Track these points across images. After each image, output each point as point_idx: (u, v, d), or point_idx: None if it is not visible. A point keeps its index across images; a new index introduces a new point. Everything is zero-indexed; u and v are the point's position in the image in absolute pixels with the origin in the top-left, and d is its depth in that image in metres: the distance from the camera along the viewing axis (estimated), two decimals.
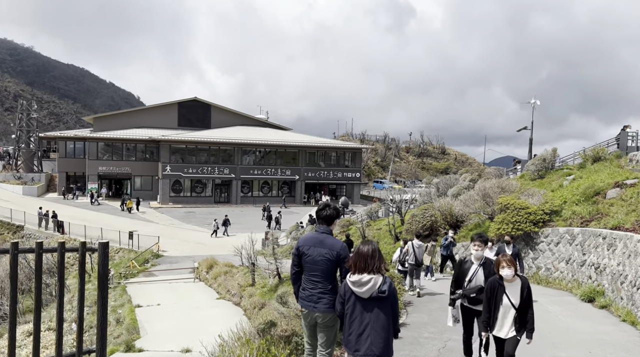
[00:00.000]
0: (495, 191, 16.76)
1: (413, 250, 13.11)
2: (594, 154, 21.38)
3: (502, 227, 15.65)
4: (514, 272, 5.45)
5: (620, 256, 10.96)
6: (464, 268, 6.45)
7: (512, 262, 5.49)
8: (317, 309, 4.54)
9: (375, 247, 4.07)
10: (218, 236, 37.73)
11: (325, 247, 4.50)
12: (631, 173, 15.94)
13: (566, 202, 15.68)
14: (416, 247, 13.15)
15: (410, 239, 14.08)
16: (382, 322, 3.90)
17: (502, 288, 5.50)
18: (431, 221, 19.93)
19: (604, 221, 13.41)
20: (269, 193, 55.51)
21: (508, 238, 11.92)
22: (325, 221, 4.70)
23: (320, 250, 4.50)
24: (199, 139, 51.61)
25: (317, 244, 4.54)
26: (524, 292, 5.48)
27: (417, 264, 12.97)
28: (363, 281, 3.89)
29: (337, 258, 4.44)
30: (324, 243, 4.52)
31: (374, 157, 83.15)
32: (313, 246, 4.56)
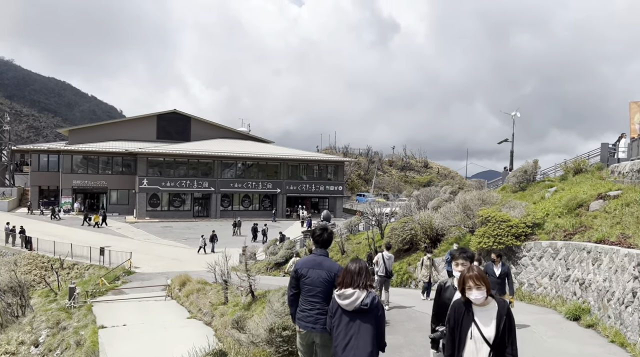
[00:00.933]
0: (475, 203, 16.14)
1: (383, 261, 12.67)
2: (575, 166, 21.03)
3: (483, 241, 15.00)
4: (485, 293, 3.77)
5: (606, 271, 10.33)
6: (445, 297, 4.56)
7: (482, 278, 3.77)
8: (315, 330, 4.66)
9: (363, 266, 4.24)
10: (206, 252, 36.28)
11: (324, 269, 4.65)
12: (614, 184, 15.49)
13: (548, 215, 15.12)
14: (386, 258, 12.76)
15: (380, 250, 13.64)
16: (366, 333, 4.05)
17: (470, 315, 3.82)
18: (411, 234, 19.23)
19: (587, 234, 12.83)
20: (250, 207, 54.45)
21: (494, 256, 10.36)
22: (323, 244, 4.86)
23: (318, 272, 4.65)
24: (177, 152, 50.50)
25: (316, 266, 4.68)
26: (502, 321, 3.77)
27: (386, 275, 12.66)
28: (347, 294, 4.07)
29: (334, 279, 4.55)
30: (322, 265, 4.67)
31: (357, 171, 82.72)
32: (312, 268, 4.69)
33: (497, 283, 9.81)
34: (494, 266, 10.10)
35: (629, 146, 21.28)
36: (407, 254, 19.57)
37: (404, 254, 19.80)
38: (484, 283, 3.77)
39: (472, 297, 3.78)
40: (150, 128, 56.94)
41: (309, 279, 4.67)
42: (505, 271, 10.09)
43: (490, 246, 14.75)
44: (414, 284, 18.23)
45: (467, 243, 16.62)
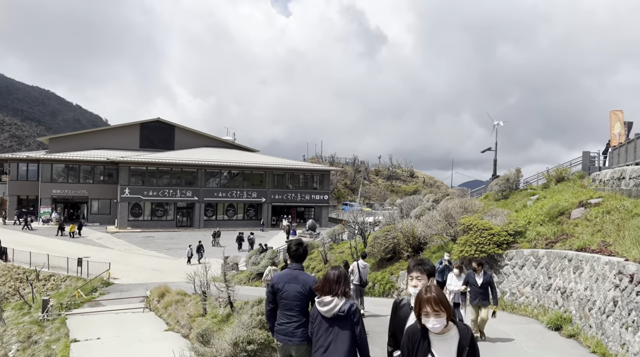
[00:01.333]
0: (457, 211, 15.94)
1: (358, 270, 12.74)
2: (557, 175, 21.03)
3: (465, 250, 14.77)
4: (445, 321, 3.14)
5: (587, 280, 10.13)
6: (401, 315, 3.94)
7: (442, 303, 3.14)
8: (292, 342, 4.73)
9: (342, 273, 4.34)
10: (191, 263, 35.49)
11: (299, 283, 4.73)
12: (595, 192, 15.42)
13: (530, 223, 14.97)
14: (361, 267, 12.83)
15: (356, 259, 13.59)
16: (344, 339, 4.17)
17: (426, 344, 3.24)
18: (393, 243, 18.96)
19: (569, 242, 12.68)
20: (234, 216, 53.82)
21: (475, 265, 9.94)
22: (298, 259, 4.95)
23: (294, 286, 4.73)
24: (160, 161, 49.80)
25: (291, 280, 4.76)
26: (464, 353, 3.19)
27: (361, 284, 12.80)
28: (325, 301, 4.19)
29: (310, 293, 4.66)
30: (297, 279, 4.76)
31: (344, 180, 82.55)
32: (287, 282, 4.77)
33: (479, 293, 9.59)
34: (476, 275, 9.80)
35: (610, 154, 21.36)
36: (390, 263, 19.28)
37: (387, 263, 19.50)
38: (443, 308, 3.12)
39: (428, 325, 3.16)
40: (133, 137, 56.16)
41: (285, 293, 4.77)
42: (488, 279, 9.75)
43: (472, 254, 14.53)
44: (397, 294, 17.92)
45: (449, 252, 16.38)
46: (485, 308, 9.62)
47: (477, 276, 9.76)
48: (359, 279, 12.66)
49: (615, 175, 14.78)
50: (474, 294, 9.70)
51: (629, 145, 16.87)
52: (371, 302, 17.31)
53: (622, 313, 8.16)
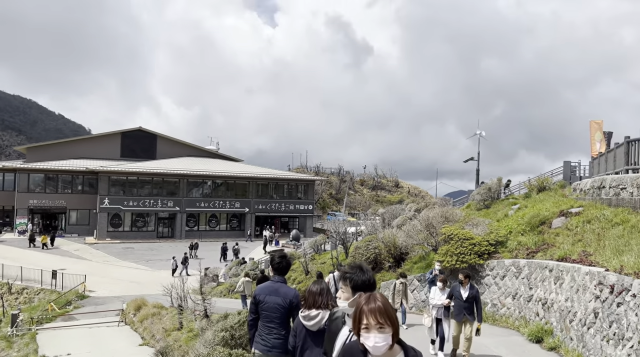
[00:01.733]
0: (439, 220, 15.69)
1: (334, 282, 12.67)
2: (539, 184, 20.97)
3: (446, 260, 14.49)
4: (390, 339, 2.41)
5: (567, 291, 9.90)
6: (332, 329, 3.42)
7: (388, 315, 2.42)
8: (271, 353, 4.80)
9: (324, 287, 4.36)
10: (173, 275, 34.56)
11: (280, 296, 4.80)
12: (576, 201, 15.31)
13: (511, 232, 14.78)
14: (337, 278, 12.67)
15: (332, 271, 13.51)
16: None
17: None
18: (375, 253, 18.62)
19: (550, 251, 12.48)
20: (217, 227, 53.04)
21: (461, 277, 9.20)
22: (281, 271, 5.00)
23: (275, 298, 4.79)
24: (141, 170, 48.96)
25: (272, 293, 4.83)
26: None
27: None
28: (311, 315, 4.16)
29: (290, 305, 4.75)
30: (278, 292, 4.83)
31: (329, 190, 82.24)
32: (268, 294, 4.84)
33: (464, 307, 9.02)
34: (461, 287, 9.15)
35: (590, 164, 21.40)
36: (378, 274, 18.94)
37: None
38: (389, 323, 2.40)
39: (368, 343, 2.40)
40: (114, 146, 55.21)
41: (266, 304, 4.83)
42: (474, 294, 9.09)
43: (454, 264, 14.26)
44: None
45: (430, 262, 16.11)
46: (469, 324, 9.03)
47: (462, 289, 9.11)
48: (335, 290, 12.25)
49: (595, 185, 14.69)
50: (459, 308, 9.10)
51: (608, 155, 16.85)
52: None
53: (603, 325, 7.92)
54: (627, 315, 7.11)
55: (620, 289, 7.50)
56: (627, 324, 7.04)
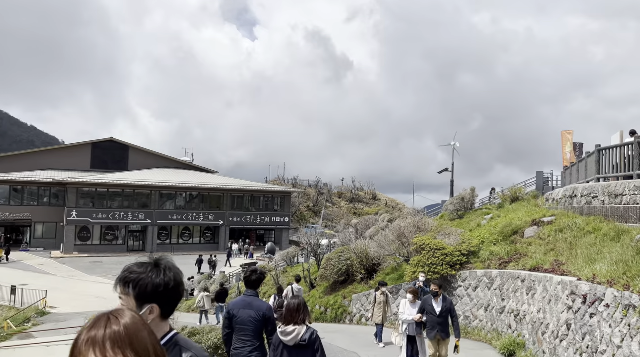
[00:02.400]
0: (411, 230, 15.27)
1: (292, 294, 12.44)
2: (512, 194, 20.84)
3: (418, 271, 14.04)
4: None
5: (540, 302, 9.52)
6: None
7: (132, 346, 1.26)
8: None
9: (301, 302, 4.58)
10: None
11: (253, 309, 4.88)
12: (548, 211, 15.11)
13: (484, 242, 14.44)
14: (296, 291, 12.61)
15: (290, 283, 13.57)
16: None
17: None
18: (347, 265, 18.08)
19: (522, 261, 12.15)
20: (190, 240, 51.82)
21: (435, 288, 8.37)
22: (253, 285, 5.10)
23: (248, 312, 4.88)
24: (111, 182, 47.58)
25: (246, 307, 4.91)
26: None
27: None
28: (288, 331, 4.37)
29: (263, 318, 4.85)
30: (252, 305, 4.91)
31: (306, 202, 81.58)
32: (242, 308, 4.91)
33: (437, 323, 8.03)
34: (434, 301, 8.17)
35: (562, 174, 21.40)
36: (343, 287, 18.35)
37: (340, 287, 18.57)
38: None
39: None
40: (84, 157, 53.65)
41: (240, 319, 4.90)
42: (449, 307, 8.17)
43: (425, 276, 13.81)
44: (349, 319, 16.97)
45: (402, 273, 15.64)
46: (445, 342, 8.16)
47: (435, 302, 8.14)
48: None
49: (567, 194, 14.51)
50: (432, 324, 8.13)
51: (580, 164, 16.76)
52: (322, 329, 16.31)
53: (576, 337, 7.51)
54: (601, 326, 6.71)
55: (593, 299, 7.12)
56: (601, 337, 6.64)
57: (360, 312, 16.70)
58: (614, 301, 6.47)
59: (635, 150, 12.00)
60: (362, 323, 16.39)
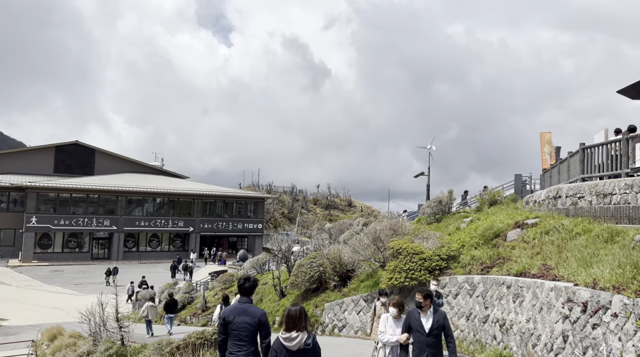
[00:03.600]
0: (387, 234, 14.27)
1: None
2: (490, 198, 20.13)
3: (394, 277, 13.03)
4: None
5: (529, 310, 8.58)
6: None
7: None
8: None
9: (302, 309, 4.75)
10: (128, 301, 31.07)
11: (249, 315, 5.14)
12: (531, 213, 14.33)
13: (464, 246, 13.54)
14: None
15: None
16: None
17: None
18: (319, 271, 16.96)
19: (506, 266, 11.27)
20: (158, 247, 49.85)
21: (420, 297, 6.13)
22: (246, 292, 5.34)
23: (244, 318, 5.12)
24: (74, 186, 45.37)
25: (241, 313, 5.15)
26: None
27: None
28: (292, 337, 4.60)
29: (258, 323, 5.13)
30: (247, 312, 5.16)
31: (281, 209, 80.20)
32: (238, 314, 5.15)
33: (427, 344, 5.94)
34: (421, 314, 6.11)
35: (541, 177, 20.83)
36: (315, 295, 17.20)
37: (312, 295, 17.41)
38: None
39: None
40: (47, 161, 51.20)
41: (235, 324, 5.08)
42: (441, 322, 6.07)
43: (402, 282, 12.82)
44: (321, 330, 15.82)
45: (377, 280, 14.61)
46: None
47: (423, 315, 6.10)
48: None
49: (550, 195, 13.77)
50: (420, 346, 6.06)
51: (561, 165, 16.11)
52: None
53: (575, 352, 6.57)
54: (607, 339, 5.77)
55: (596, 307, 6.19)
56: (608, 351, 5.70)
57: (332, 322, 15.59)
58: (624, 309, 5.55)
59: (623, 148, 11.30)
60: (335, 334, 15.28)
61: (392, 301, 7.14)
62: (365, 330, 14.48)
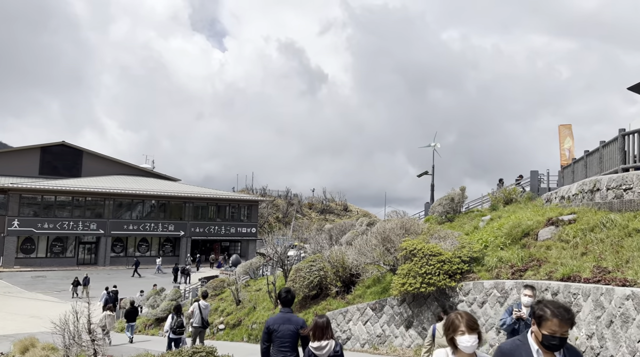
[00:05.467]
0: (398, 233, 12.53)
1: (200, 311, 12.44)
2: (505, 196, 18.46)
3: (408, 282, 11.26)
4: None
5: (591, 323, 6.85)
6: None
7: None
8: None
9: (327, 320, 5.21)
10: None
11: (292, 324, 5.72)
12: (564, 208, 12.63)
13: (488, 247, 11.81)
14: (203, 307, 12.60)
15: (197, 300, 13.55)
16: None
17: None
18: (319, 276, 15.16)
19: (544, 269, 9.56)
20: (147, 252, 47.79)
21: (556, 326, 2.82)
22: (287, 304, 5.97)
23: (288, 326, 5.69)
24: (59, 188, 43.33)
25: (286, 322, 5.74)
26: None
27: (202, 325, 12.50)
28: (323, 346, 5.01)
29: (299, 331, 5.67)
30: (290, 321, 5.77)
31: (276, 213, 78.30)
32: (282, 323, 5.72)
33: None
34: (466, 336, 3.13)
35: (560, 173, 19.21)
36: (315, 302, 15.38)
37: (311, 302, 15.59)
38: None
39: None
40: (32, 162, 49.11)
41: (280, 332, 5.68)
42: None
43: (418, 288, 11.05)
44: None
45: (387, 285, 12.84)
46: None
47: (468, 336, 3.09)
48: (200, 320, 12.34)
49: (585, 188, 12.10)
50: None
51: (589, 158, 14.47)
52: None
53: None
54: None
55: None
56: None
57: (335, 334, 13.76)
58: None
59: None
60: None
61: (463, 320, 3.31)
62: (372, 343, 12.70)
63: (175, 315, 12.67)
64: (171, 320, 12.72)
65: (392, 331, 12.22)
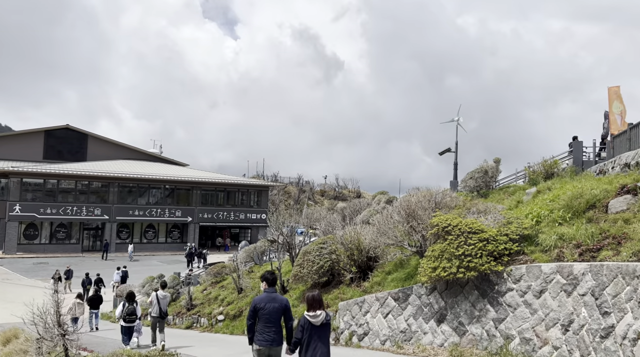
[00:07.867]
0: (426, 206, 10.23)
1: (157, 301, 12.24)
2: (545, 169, 16.03)
3: (440, 266, 9.00)
4: None
5: None
6: None
7: None
8: (272, 346, 6.30)
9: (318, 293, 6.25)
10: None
11: (277, 302, 6.38)
12: (629, 177, 10.20)
13: (541, 222, 9.46)
14: (161, 297, 12.35)
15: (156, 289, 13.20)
16: (327, 338, 6.10)
17: None
18: (331, 260, 12.95)
19: (626, 248, 7.23)
20: (154, 239, 46.14)
21: None
22: (272, 283, 6.57)
23: (274, 305, 6.31)
24: (62, 172, 41.71)
25: (271, 301, 6.34)
26: None
27: (161, 316, 12.18)
28: (317, 314, 5.97)
29: (284, 308, 6.39)
30: (276, 299, 6.39)
31: (287, 200, 76.33)
32: (268, 302, 6.31)
33: None
34: None
35: (610, 142, 16.66)
36: (326, 291, 13.18)
37: (322, 291, 13.33)
38: None
39: None
40: (36, 146, 47.62)
41: (266, 310, 6.26)
42: None
43: (454, 273, 8.78)
44: (334, 337, 11.82)
45: (413, 270, 10.59)
46: None
47: None
48: (158, 310, 12.14)
49: None
50: None
51: None
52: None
53: None
54: None
55: None
56: None
57: (350, 328, 11.60)
58: None
59: None
60: (353, 344, 11.29)
61: None
62: (395, 340, 10.47)
63: (127, 302, 12.53)
64: (122, 308, 12.57)
65: (420, 325, 9.98)
